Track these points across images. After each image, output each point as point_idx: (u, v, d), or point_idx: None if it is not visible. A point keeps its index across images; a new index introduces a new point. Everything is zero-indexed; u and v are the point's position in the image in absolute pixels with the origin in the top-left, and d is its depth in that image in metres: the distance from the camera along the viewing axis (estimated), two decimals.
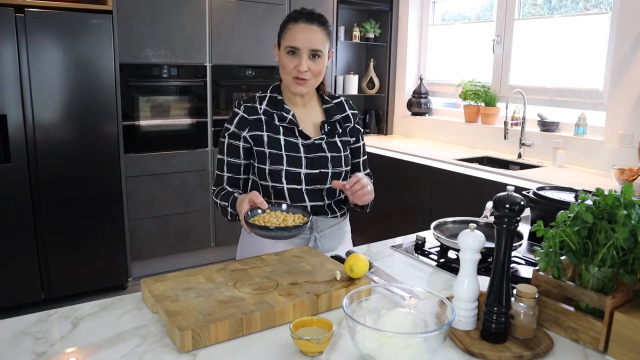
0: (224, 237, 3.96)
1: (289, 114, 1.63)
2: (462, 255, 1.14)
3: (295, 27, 1.56)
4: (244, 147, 1.64)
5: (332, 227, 1.73)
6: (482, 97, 3.93)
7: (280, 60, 1.60)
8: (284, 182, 1.62)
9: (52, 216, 3.13)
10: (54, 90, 3.03)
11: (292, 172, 1.62)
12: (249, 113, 1.64)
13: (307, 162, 1.62)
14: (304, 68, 1.56)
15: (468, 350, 1.07)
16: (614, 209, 1.08)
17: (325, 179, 1.65)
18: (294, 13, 1.60)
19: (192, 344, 1.05)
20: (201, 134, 3.76)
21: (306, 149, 1.63)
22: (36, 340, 1.08)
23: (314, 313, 1.21)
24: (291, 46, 1.56)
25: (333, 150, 1.67)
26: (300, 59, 1.56)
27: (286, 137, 1.62)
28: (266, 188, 1.65)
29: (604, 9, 3.36)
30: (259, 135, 1.62)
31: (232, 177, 1.68)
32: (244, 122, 1.63)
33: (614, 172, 2.79)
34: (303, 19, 1.57)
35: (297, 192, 1.64)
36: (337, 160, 1.67)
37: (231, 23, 3.72)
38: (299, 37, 1.55)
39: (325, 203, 1.68)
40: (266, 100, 1.66)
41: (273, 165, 1.61)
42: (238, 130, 1.64)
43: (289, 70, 1.58)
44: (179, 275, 1.32)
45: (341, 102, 1.76)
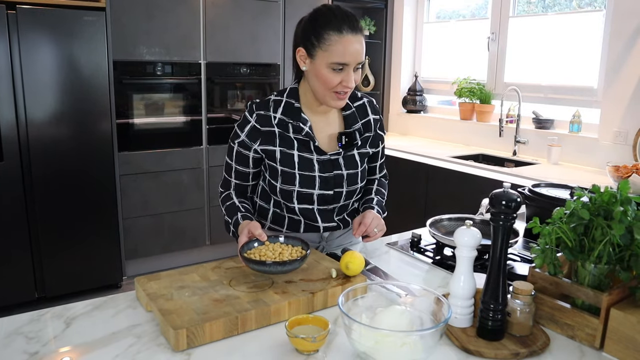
0: (219, 235, 3.95)
1: (306, 126, 1.48)
2: (458, 253, 1.14)
3: (341, 40, 1.36)
4: (254, 157, 1.53)
5: (340, 237, 1.69)
6: (477, 94, 3.93)
7: (317, 73, 1.40)
8: (295, 202, 1.53)
9: (45, 215, 3.10)
10: (47, 88, 3.01)
11: (305, 193, 1.51)
12: (262, 123, 1.48)
13: (321, 182, 1.51)
14: (353, 84, 1.41)
15: (464, 348, 1.07)
16: (610, 206, 1.08)
17: (339, 198, 1.55)
18: (332, 19, 1.38)
19: (186, 342, 1.04)
20: (196, 132, 3.74)
21: (321, 166, 1.50)
22: (28, 340, 1.07)
23: (309, 311, 1.20)
24: (341, 62, 1.37)
25: (349, 167, 1.54)
26: (348, 75, 1.39)
27: (300, 153, 1.49)
28: (278, 203, 1.57)
29: (598, 7, 3.37)
30: (271, 150, 1.49)
31: (240, 185, 1.59)
32: (255, 133, 1.49)
33: (608, 169, 2.79)
34: (347, 28, 1.37)
35: (309, 211, 1.55)
36: (352, 178, 1.55)
37: (226, 20, 3.70)
38: (348, 51, 1.36)
39: (337, 220, 1.60)
40: (282, 107, 1.49)
41: (285, 185, 1.51)
42: (249, 141, 1.50)
43: (332, 85, 1.40)
44: (173, 273, 1.31)
45: (363, 105, 1.60)
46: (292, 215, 1.57)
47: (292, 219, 1.57)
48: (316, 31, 1.39)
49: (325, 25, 1.38)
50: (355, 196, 1.61)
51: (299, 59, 1.45)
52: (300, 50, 1.44)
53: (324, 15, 1.40)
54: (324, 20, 1.38)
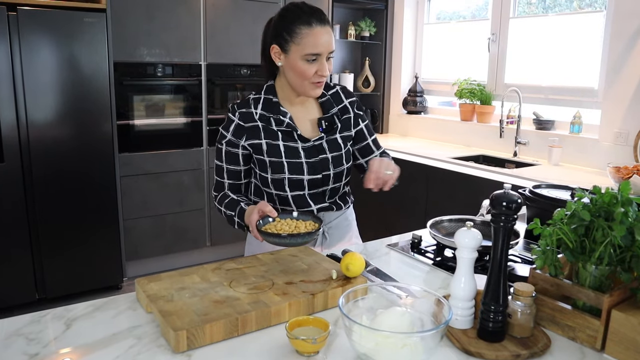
0: (220, 237, 3.95)
1: (286, 117, 1.58)
2: (458, 254, 1.13)
3: (311, 32, 1.47)
4: (243, 154, 1.61)
5: (337, 219, 1.75)
6: (478, 95, 3.93)
7: (293, 66, 1.50)
8: (287, 190, 1.61)
9: (46, 216, 3.10)
10: (48, 89, 3.01)
11: (295, 179, 1.59)
12: (244, 120, 1.58)
13: (309, 168, 1.59)
14: (327, 72, 1.51)
15: (465, 349, 1.06)
16: (611, 207, 1.08)
17: (328, 180, 1.63)
18: (300, 14, 1.49)
19: (186, 344, 1.04)
20: (196, 133, 3.75)
21: (306, 152, 1.59)
22: (29, 341, 1.07)
23: (309, 312, 1.20)
24: (313, 53, 1.47)
25: (334, 150, 1.63)
26: (321, 64, 1.50)
27: (285, 142, 1.58)
28: (270, 195, 1.64)
29: (598, 8, 3.37)
30: (257, 143, 1.58)
31: (234, 184, 1.65)
32: (240, 130, 1.58)
33: (609, 170, 2.79)
34: (315, 20, 1.47)
35: (300, 197, 1.62)
36: (338, 160, 1.64)
37: (226, 21, 3.70)
38: (319, 42, 1.47)
39: (329, 202, 1.67)
40: (261, 103, 1.59)
41: (275, 174, 1.59)
42: (235, 139, 1.58)
43: (308, 76, 1.50)
44: (174, 275, 1.31)
45: (337, 92, 1.70)
46: (284, 207, 1.63)
47: (285, 210, 1.61)
48: (287, 27, 1.49)
49: (295, 21, 1.48)
50: (344, 178, 1.68)
51: (274, 55, 1.55)
52: (275, 48, 1.54)
53: (293, 12, 1.50)
54: (293, 16, 1.49)
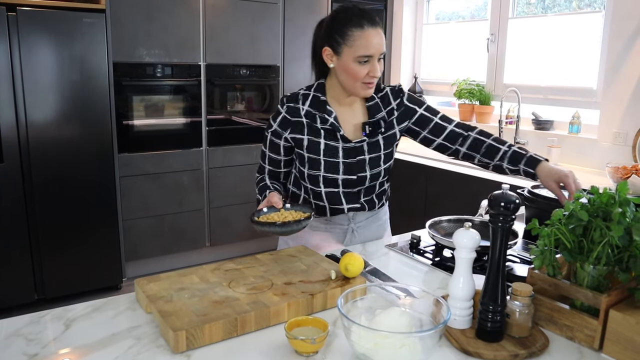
0: (219, 237, 3.95)
1: (331, 117, 1.61)
2: (457, 254, 1.14)
3: (363, 34, 1.49)
4: (285, 145, 1.67)
5: (369, 219, 1.78)
6: (477, 95, 3.93)
7: (345, 68, 1.53)
8: (321, 187, 1.66)
9: (45, 216, 3.10)
10: (47, 89, 3.01)
11: (330, 177, 1.64)
12: (291, 114, 1.62)
13: (345, 168, 1.63)
14: (379, 73, 1.54)
15: (464, 349, 1.07)
16: (609, 207, 1.08)
17: (363, 181, 1.66)
18: (351, 15, 1.51)
19: (186, 344, 1.04)
20: (195, 134, 3.75)
21: (345, 153, 1.62)
22: (28, 341, 1.07)
23: (309, 313, 1.20)
24: (366, 55, 1.50)
25: (373, 151, 1.65)
26: (374, 66, 1.52)
27: (327, 141, 1.61)
28: (305, 189, 1.70)
29: (597, 8, 3.37)
30: (299, 138, 1.63)
31: (273, 170, 1.74)
32: (286, 122, 1.63)
33: (608, 170, 2.80)
34: (367, 22, 1.50)
35: (334, 194, 1.67)
36: (375, 161, 1.65)
37: (226, 22, 3.70)
38: (371, 44, 1.49)
39: (361, 202, 1.70)
40: (309, 99, 1.63)
41: (311, 170, 1.64)
42: (280, 130, 1.64)
43: (360, 77, 1.53)
44: (173, 275, 1.31)
45: (386, 94, 1.69)
46: (317, 202, 1.69)
47: (317, 204, 1.69)
48: (339, 30, 1.51)
49: (347, 23, 1.50)
50: (381, 177, 1.69)
51: (326, 57, 1.57)
52: (327, 50, 1.56)
53: (344, 14, 1.52)
54: (345, 19, 1.51)
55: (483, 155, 1.66)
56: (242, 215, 4.02)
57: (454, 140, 1.69)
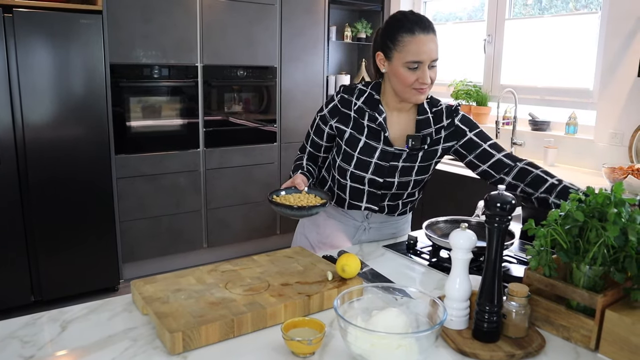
0: (216, 238, 3.95)
1: (381, 116, 1.61)
2: (453, 255, 1.14)
3: (414, 40, 1.49)
4: (329, 133, 1.70)
5: (384, 223, 1.79)
6: (474, 96, 3.94)
7: (395, 73, 1.54)
8: (347, 180, 1.69)
9: (42, 218, 3.10)
10: (44, 91, 3.00)
11: (357, 174, 1.66)
12: (343, 105, 1.65)
13: (375, 169, 1.64)
14: (428, 80, 1.53)
15: (460, 350, 1.07)
16: (605, 208, 1.08)
17: (390, 186, 1.66)
18: (405, 22, 1.51)
19: (182, 346, 1.04)
20: (193, 135, 3.74)
21: (382, 154, 1.62)
22: (24, 343, 1.07)
23: (305, 314, 1.20)
24: (415, 61, 1.50)
25: (408, 161, 1.64)
26: (423, 72, 1.52)
27: (368, 140, 1.63)
28: (333, 177, 1.75)
29: (593, 9, 3.38)
30: (343, 129, 1.66)
31: (312, 153, 1.77)
32: (336, 111, 1.66)
33: (604, 171, 2.80)
34: (418, 28, 1.49)
35: (358, 190, 1.69)
36: (407, 170, 1.65)
37: (222, 23, 3.70)
38: (421, 50, 1.49)
39: (383, 205, 1.71)
40: (365, 96, 1.64)
41: (343, 163, 1.68)
42: (328, 116, 1.68)
43: (409, 83, 1.53)
44: (169, 276, 1.31)
45: (440, 111, 1.67)
46: (340, 192, 1.73)
47: (339, 195, 1.73)
48: (391, 35, 1.53)
49: (399, 29, 1.51)
50: (410, 188, 1.69)
51: (379, 62, 1.60)
52: (379, 55, 1.58)
53: (397, 20, 1.53)
54: (398, 25, 1.52)
55: (527, 185, 1.57)
56: (239, 216, 4.02)
57: (499, 170, 1.62)
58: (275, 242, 4.25)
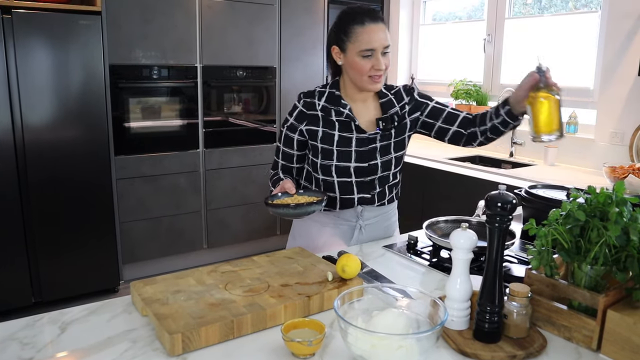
0: (216, 239, 3.94)
1: (346, 109, 1.67)
2: (454, 255, 1.13)
3: (365, 30, 1.57)
4: (299, 139, 1.72)
5: (377, 217, 1.80)
6: (474, 96, 3.94)
7: (351, 63, 1.60)
8: (334, 176, 1.70)
9: (42, 219, 3.09)
10: (43, 92, 3.00)
11: (342, 166, 1.68)
12: (307, 108, 1.69)
13: (357, 156, 1.68)
14: (382, 66, 1.59)
15: (461, 350, 1.06)
16: (606, 207, 1.08)
17: (375, 170, 1.70)
18: (354, 15, 1.59)
19: (182, 347, 1.03)
20: (192, 136, 3.74)
21: (358, 142, 1.67)
22: (23, 345, 1.06)
23: (305, 314, 1.20)
24: (368, 49, 1.56)
25: (383, 140, 1.70)
26: (377, 59, 1.58)
27: (341, 133, 1.67)
28: (317, 180, 1.74)
29: (593, 8, 3.38)
30: (314, 129, 1.68)
31: (285, 165, 1.78)
32: (302, 115, 1.69)
33: (605, 170, 2.80)
34: (368, 19, 1.57)
35: (347, 184, 1.71)
36: (385, 149, 1.70)
37: (222, 23, 3.70)
38: (372, 38, 1.56)
39: (373, 193, 1.73)
40: (325, 96, 1.69)
41: (324, 160, 1.69)
42: (296, 123, 1.70)
43: (365, 71, 1.59)
44: (169, 278, 1.31)
45: (398, 92, 1.76)
46: (329, 193, 1.72)
47: (329, 196, 1.71)
48: (343, 29, 1.60)
49: (350, 22, 1.59)
50: (393, 167, 1.74)
51: (335, 56, 1.66)
52: (335, 48, 1.64)
53: (348, 14, 1.61)
54: (349, 18, 1.60)
55: (480, 125, 1.69)
56: (239, 216, 4.01)
57: (467, 126, 1.72)
58: (275, 243, 4.24)
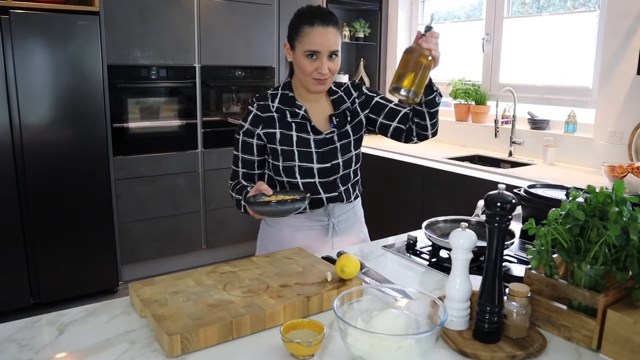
0: (215, 239, 3.94)
1: (301, 110, 1.66)
2: (453, 255, 1.13)
3: (312, 31, 1.55)
4: (258, 144, 1.68)
5: (347, 212, 1.79)
6: (473, 95, 3.93)
7: (297, 62, 1.60)
8: (297, 177, 1.68)
9: (40, 220, 3.09)
10: (41, 93, 2.99)
11: (305, 167, 1.67)
12: (262, 111, 1.67)
13: (319, 157, 1.67)
14: (326, 70, 1.58)
15: (461, 351, 1.06)
16: (606, 206, 1.08)
17: (337, 169, 1.70)
18: (307, 15, 1.58)
19: (181, 348, 1.03)
20: (191, 136, 3.73)
21: (317, 143, 1.67)
22: (21, 347, 1.06)
23: (304, 315, 1.19)
24: (312, 50, 1.56)
25: (342, 139, 1.71)
26: (321, 62, 1.57)
27: (298, 133, 1.66)
28: (282, 183, 1.72)
29: (592, 7, 3.38)
30: (272, 132, 1.66)
31: (247, 173, 1.73)
32: (257, 119, 1.67)
33: (604, 170, 2.79)
34: (318, 21, 1.56)
35: (311, 185, 1.69)
36: (345, 147, 1.71)
37: (220, 23, 3.70)
38: (318, 41, 1.55)
39: (339, 191, 1.73)
40: (278, 97, 1.68)
41: (286, 162, 1.67)
42: (252, 128, 1.67)
43: (308, 72, 1.58)
44: (168, 278, 1.30)
45: (347, 88, 1.77)
46: None
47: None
48: (295, 26, 1.60)
49: (301, 21, 1.58)
50: (354, 164, 1.75)
51: (286, 52, 1.66)
52: (286, 45, 1.65)
53: (302, 13, 1.61)
54: (301, 17, 1.60)
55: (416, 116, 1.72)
56: (238, 217, 4.00)
57: (405, 121, 1.76)
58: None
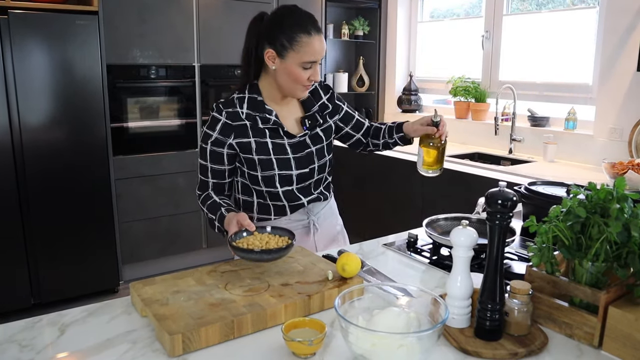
0: (216, 238, 3.94)
1: (272, 115, 1.59)
2: (454, 253, 1.13)
3: (311, 41, 1.49)
4: (229, 153, 1.60)
5: (324, 209, 1.79)
6: (472, 93, 3.93)
7: (288, 70, 1.52)
8: (278, 187, 1.63)
9: (41, 220, 3.08)
10: (40, 93, 2.99)
11: (284, 175, 1.62)
12: (232, 119, 1.58)
13: (296, 162, 1.63)
14: (319, 77, 1.57)
15: (462, 349, 1.06)
16: (607, 203, 1.08)
17: (314, 173, 1.69)
18: (299, 20, 1.50)
19: (182, 348, 1.03)
20: (190, 135, 3.73)
21: (292, 148, 1.63)
22: (22, 348, 1.06)
23: (306, 314, 1.19)
24: (312, 61, 1.51)
25: (316, 143, 1.68)
26: (316, 70, 1.54)
27: (273, 140, 1.60)
28: (260, 192, 1.66)
29: (591, 4, 3.37)
30: (246, 142, 1.58)
31: (217, 183, 1.65)
32: (228, 128, 1.57)
33: (604, 166, 2.79)
34: (313, 29, 1.50)
35: (290, 192, 1.65)
36: (320, 152, 1.69)
37: (219, 22, 3.69)
38: (317, 50, 1.51)
39: (317, 193, 1.72)
40: (246, 102, 1.60)
41: (265, 172, 1.61)
42: (222, 137, 1.58)
43: (302, 81, 1.53)
44: (168, 278, 1.30)
45: (315, 89, 1.72)
46: (276, 202, 1.66)
47: (276, 205, 1.67)
48: (286, 34, 1.50)
49: (295, 29, 1.50)
50: (327, 168, 1.74)
51: (268, 59, 1.55)
52: (270, 52, 1.54)
53: (290, 18, 1.52)
54: (292, 23, 1.50)
55: (373, 137, 1.85)
56: None
57: (366, 135, 1.85)
58: None
